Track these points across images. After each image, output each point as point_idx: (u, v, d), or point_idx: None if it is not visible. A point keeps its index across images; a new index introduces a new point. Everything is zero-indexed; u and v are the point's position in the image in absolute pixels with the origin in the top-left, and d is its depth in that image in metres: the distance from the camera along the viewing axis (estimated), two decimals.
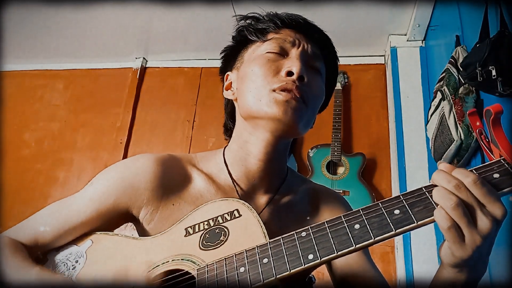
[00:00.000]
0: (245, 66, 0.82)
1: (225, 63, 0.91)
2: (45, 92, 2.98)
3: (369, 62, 2.66)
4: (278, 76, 0.75)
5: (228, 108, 0.91)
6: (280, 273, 0.56)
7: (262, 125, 0.76)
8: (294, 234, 0.60)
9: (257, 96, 0.75)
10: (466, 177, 0.53)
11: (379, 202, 0.58)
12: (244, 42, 0.85)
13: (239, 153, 0.81)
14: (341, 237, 0.56)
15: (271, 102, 0.73)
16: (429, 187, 0.57)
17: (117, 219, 0.78)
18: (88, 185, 0.80)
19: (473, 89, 1.52)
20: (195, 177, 0.81)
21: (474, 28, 1.40)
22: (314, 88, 0.78)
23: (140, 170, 0.78)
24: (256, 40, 0.82)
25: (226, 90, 0.87)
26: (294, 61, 0.76)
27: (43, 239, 0.75)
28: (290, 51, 0.79)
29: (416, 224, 0.54)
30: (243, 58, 0.85)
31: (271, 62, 0.78)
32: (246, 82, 0.78)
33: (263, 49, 0.80)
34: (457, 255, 0.53)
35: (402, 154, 2.18)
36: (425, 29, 2.35)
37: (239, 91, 0.81)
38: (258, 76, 0.76)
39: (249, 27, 0.84)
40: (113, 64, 2.98)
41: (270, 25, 0.82)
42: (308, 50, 0.81)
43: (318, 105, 0.82)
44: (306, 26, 0.83)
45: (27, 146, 2.81)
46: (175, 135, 2.70)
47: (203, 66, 2.87)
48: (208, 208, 0.71)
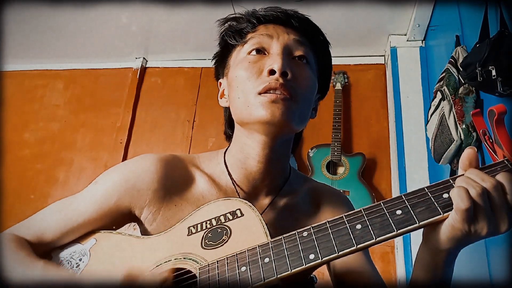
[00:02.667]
0: (231, 72, 0.81)
1: (216, 70, 0.90)
2: (45, 92, 2.98)
3: (369, 62, 2.66)
4: (262, 77, 0.74)
5: (226, 115, 0.90)
6: (281, 272, 0.56)
7: (255, 129, 0.75)
8: (295, 233, 0.60)
9: (245, 102, 0.74)
10: (495, 185, 0.53)
11: (381, 202, 0.58)
12: (227, 47, 0.84)
13: (239, 156, 0.80)
14: (342, 237, 0.56)
15: (258, 106, 0.72)
16: (431, 187, 0.57)
17: (120, 219, 0.78)
18: (92, 184, 0.80)
19: (473, 89, 1.52)
20: (197, 178, 0.81)
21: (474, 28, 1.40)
22: (301, 80, 0.76)
23: (143, 171, 0.78)
24: (236, 43, 0.81)
25: (220, 98, 0.87)
26: (275, 58, 0.74)
27: (47, 237, 0.75)
28: (270, 47, 0.77)
29: (418, 225, 0.54)
30: (229, 64, 0.83)
31: (253, 63, 0.76)
32: (233, 89, 0.78)
33: (244, 51, 0.79)
34: (458, 235, 0.54)
35: (402, 154, 2.18)
36: (425, 29, 2.35)
37: (230, 98, 0.81)
38: (242, 81, 0.75)
39: (228, 31, 0.83)
40: (113, 64, 2.98)
41: (248, 25, 0.80)
42: (289, 41, 0.78)
43: (311, 96, 0.80)
44: (283, 16, 0.80)
45: (27, 146, 2.81)
46: (175, 135, 2.71)
47: (203, 66, 2.87)
48: (210, 207, 0.71)
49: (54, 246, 0.76)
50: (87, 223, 0.76)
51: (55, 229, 0.76)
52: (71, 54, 2.92)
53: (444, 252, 0.58)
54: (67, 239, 0.76)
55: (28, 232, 0.75)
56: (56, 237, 0.76)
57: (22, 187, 2.67)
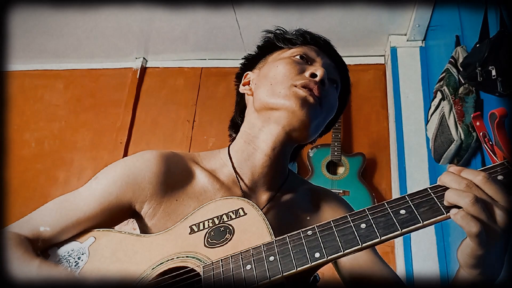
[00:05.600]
0: (269, 66, 0.85)
1: (246, 65, 0.94)
2: (45, 92, 2.98)
3: (369, 62, 2.66)
4: (302, 75, 0.79)
5: (240, 104, 0.93)
6: (286, 270, 0.57)
7: (275, 118, 0.78)
8: (300, 232, 0.60)
9: (277, 88, 0.78)
10: (476, 176, 0.53)
11: (384, 202, 0.58)
12: (270, 47, 0.90)
13: (247, 147, 0.82)
14: (347, 236, 0.56)
15: (290, 95, 0.76)
16: (434, 188, 0.57)
17: (120, 214, 0.79)
18: (92, 180, 0.81)
19: (473, 89, 1.53)
20: (198, 173, 0.82)
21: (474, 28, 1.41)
22: (331, 97, 0.83)
23: (144, 165, 0.78)
24: (283, 47, 0.87)
25: (243, 86, 0.90)
26: (318, 67, 0.81)
27: (46, 233, 0.75)
28: (315, 60, 0.85)
29: (422, 224, 0.54)
30: (267, 60, 0.89)
31: (296, 63, 0.82)
32: (269, 77, 0.82)
33: (289, 53, 0.85)
34: (478, 252, 0.53)
35: (402, 154, 2.18)
36: (425, 29, 2.35)
37: (257, 85, 0.84)
38: (281, 72, 0.80)
39: (279, 35, 0.89)
40: (113, 64, 2.97)
41: (299, 38, 0.87)
42: (330, 64, 0.86)
43: (330, 114, 0.86)
44: (330, 46, 0.90)
45: (27, 146, 2.81)
46: (175, 135, 2.71)
47: (203, 66, 2.87)
48: (212, 206, 0.71)
49: (54, 242, 0.76)
50: (88, 218, 0.76)
51: (55, 225, 0.75)
52: (71, 54, 2.92)
53: (480, 273, 0.56)
54: (67, 235, 0.76)
55: (28, 229, 0.75)
56: (56, 232, 0.75)
57: (22, 187, 2.66)
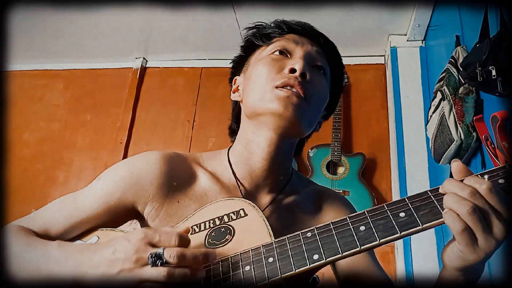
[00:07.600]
0: (251, 68, 0.84)
1: (233, 70, 0.93)
2: (45, 92, 2.98)
3: (369, 62, 2.66)
4: (281, 74, 0.77)
5: (235, 110, 0.93)
6: (285, 272, 0.57)
7: (265, 123, 0.77)
8: (299, 234, 0.60)
9: (261, 94, 0.77)
10: (481, 184, 0.53)
11: (384, 205, 0.58)
12: (251, 48, 0.88)
13: (244, 152, 0.82)
14: (346, 238, 0.56)
15: (273, 98, 0.75)
16: (435, 190, 0.57)
17: (124, 214, 0.79)
18: (95, 181, 0.81)
19: (473, 89, 1.53)
20: (200, 175, 0.82)
21: (474, 28, 1.41)
22: (317, 86, 0.80)
23: (146, 166, 0.79)
24: (262, 44, 0.85)
25: (233, 93, 0.90)
26: (297, 60, 0.78)
27: (51, 232, 0.75)
28: (294, 52, 0.82)
29: (422, 227, 0.54)
30: (250, 62, 0.87)
31: (275, 61, 0.80)
32: (251, 82, 0.81)
33: (268, 50, 0.83)
34: (469, 258, 0.53)
35: (402, 154, 2.18)
36: (425, 29, 2.35)
37: (245, 91, 0.84)
38: (262, 75, 0.79)
39: (256, 33, 0.87)
40: (113, 64, 2.98)
41: (276, 30, 0.85)
42: (312, 51, 0.83)
43: (322, 104, 0.84)
44: (310, 30, 0.86)
45: (27, 146, 2.81)
46: (175, 135, 2.71)
47: (203, 66, 2.87)
48: (213, 207, 0.72)
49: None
50: (91, 218, 0.76)
51: (60, 224, 0.76)
52: (71, 54, 2.92)
53: (465, 274, 0.57)
54: (71, 235, 0.76)
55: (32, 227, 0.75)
56: (60, 232, 0.75)
57: (22, 187, 2.67)
